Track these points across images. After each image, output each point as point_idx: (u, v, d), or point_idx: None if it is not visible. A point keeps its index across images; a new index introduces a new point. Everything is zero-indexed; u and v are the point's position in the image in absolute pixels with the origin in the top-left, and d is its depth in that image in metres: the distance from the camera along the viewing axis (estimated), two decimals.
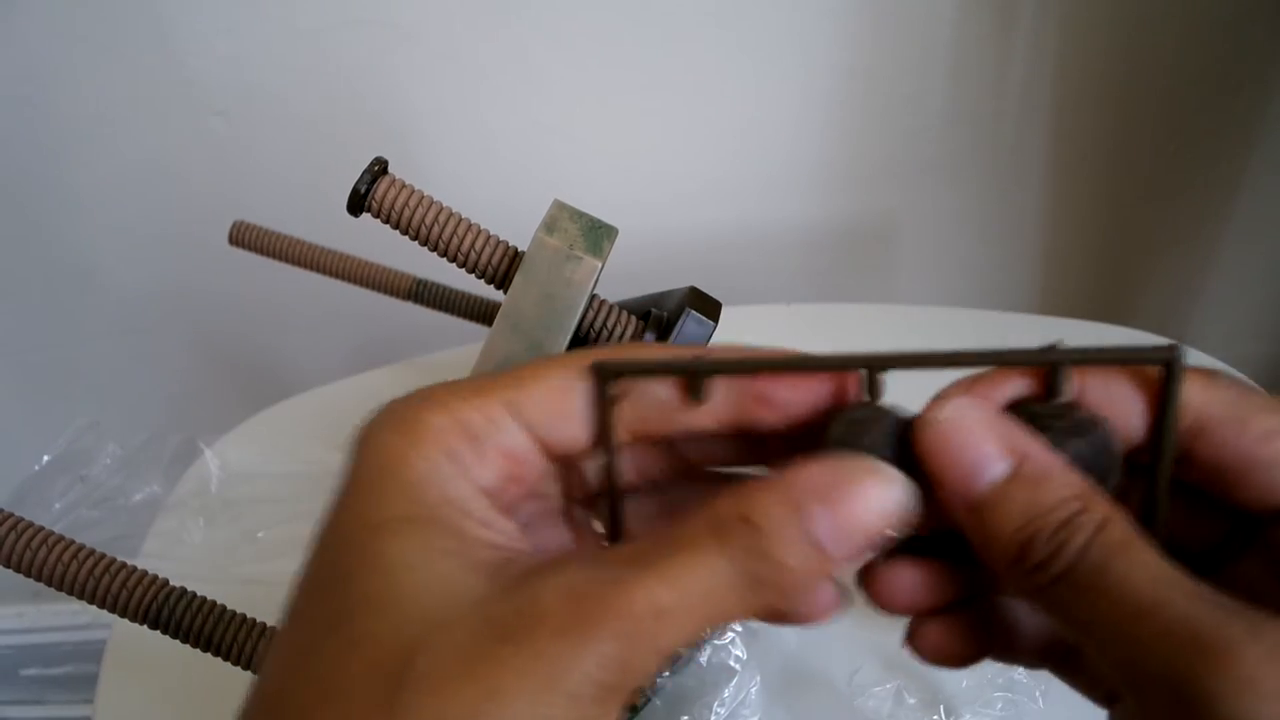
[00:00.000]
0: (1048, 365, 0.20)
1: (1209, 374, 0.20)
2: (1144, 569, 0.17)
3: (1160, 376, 0.19)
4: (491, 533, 0.19)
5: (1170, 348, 0.19)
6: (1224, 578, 0.19)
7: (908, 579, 0.21)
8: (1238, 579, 0.20)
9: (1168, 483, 0.19)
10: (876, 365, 0.20)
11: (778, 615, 0.19)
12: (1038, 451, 0.19)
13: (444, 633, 0.17)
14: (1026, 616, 0.23)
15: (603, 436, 0.20)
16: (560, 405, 0.20)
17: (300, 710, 0.17)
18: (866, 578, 0.22)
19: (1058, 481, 0.19)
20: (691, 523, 0.18)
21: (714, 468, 0.24)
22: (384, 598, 0.17)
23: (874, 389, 0.20)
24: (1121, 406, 0.20)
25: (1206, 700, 0.15)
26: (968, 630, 0.22)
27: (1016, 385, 0.20)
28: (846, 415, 0.20)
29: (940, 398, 0.20)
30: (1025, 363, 0.20)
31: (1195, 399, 0.19)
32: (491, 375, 0.21)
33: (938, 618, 0.22)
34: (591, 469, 0.22)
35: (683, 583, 0.17)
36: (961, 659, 0.22)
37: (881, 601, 0.21)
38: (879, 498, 0.18)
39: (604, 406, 0.20)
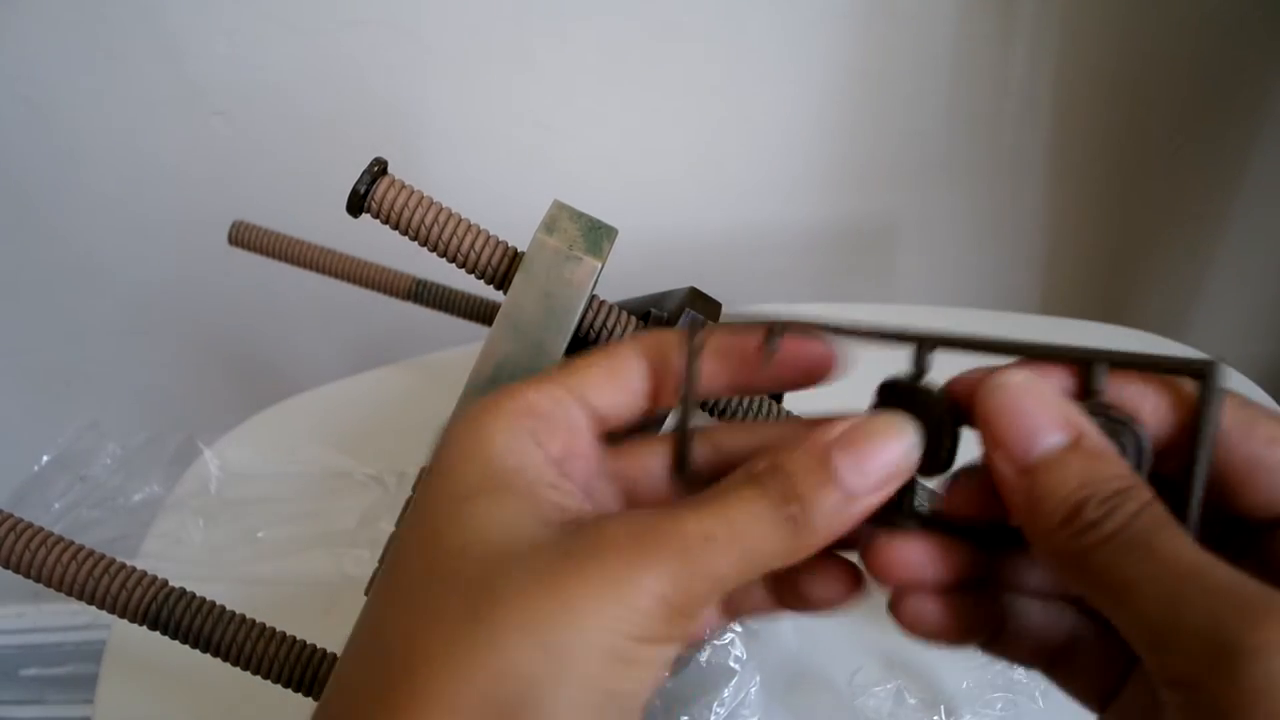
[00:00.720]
0: (1085, 363, 0.21)
1: None
2: (1190, 542, 0.18)
3: (1197, 388, 0.20)
4: (560, 494, 0.22)
5: (1209, 361, 0.19)
6: None
7: (910, 553, 0.22)
8: None
9: (1203, 489, 0.20)
10: (927, 343, 0.22)
11: (807, 552, 0.21)
12: (1094, 433, 0.20)
13: (519, 561, 0.19)
14: (1028, 612, 0.23)
15: (687, 376, 0.24)
16: (609, 384, 0.24)
17: (401, 637, 0.20)
18: (868, 550, 0.23)
19: (1112, 461, 0.20)
20: (732, 476, 0.21)
21: None
22: (468, 545, 0.20)
23: (920, 364, 0.22)
24: (1148, 412, 0.21)
25: (1246, 654, 0.16)
26: (954, 609, 0.23)
27: (1058, 379, 0.21)
28: (889, 384, 0.23)
29: (1001, 369, 0.21)
30: (1066, 358, 0.21)
31: None
32: (552, 367, 0.24)
33: (927, 592, 0.23)
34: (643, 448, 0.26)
35: (727, 516, 0.20)
36: (941, 635, 0.23)
37: (878, 571, 0.23)
38: (895, 441, 0.21)
39: (691, 351, 0.24)
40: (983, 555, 0.23)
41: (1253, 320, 0.98)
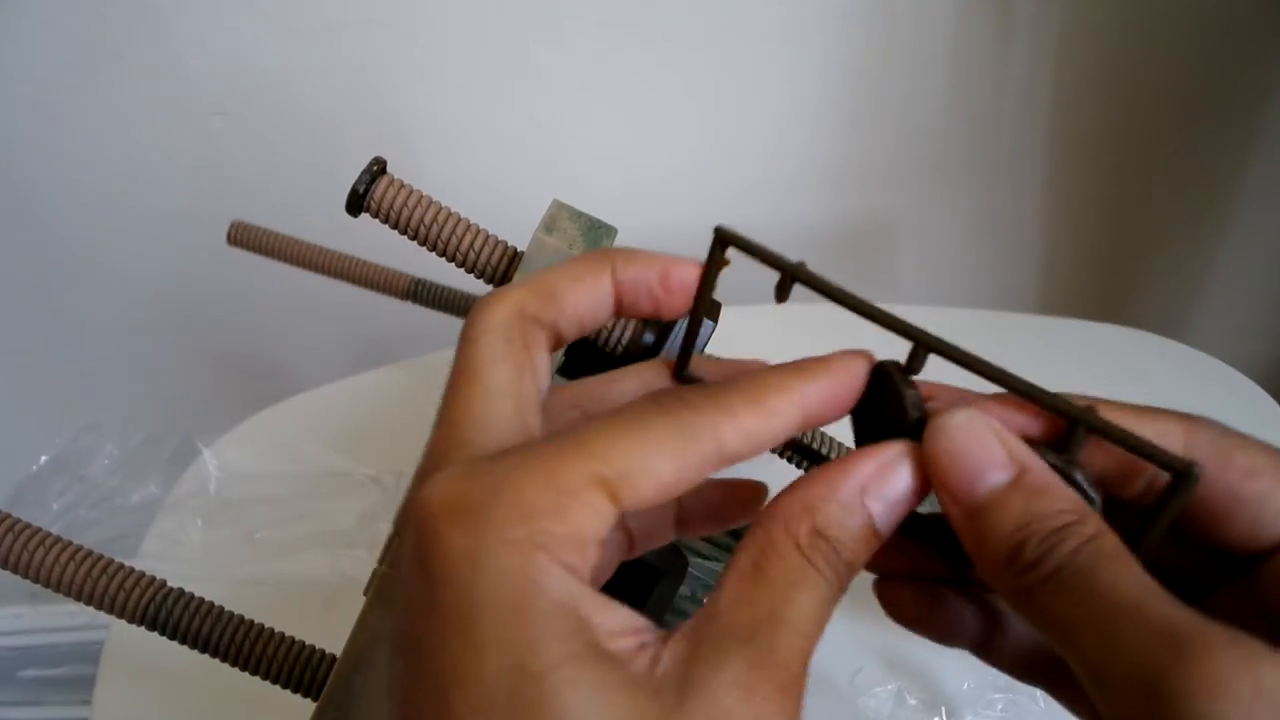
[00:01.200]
0: (1069, 420, 0.20)
1: (1192, 417, 0.20)
2: (1130, 577, 0.18)
3: (1168, 482, 0.19)
4: (616, 628, 0.18)
5: (1189, 463, 0.19)
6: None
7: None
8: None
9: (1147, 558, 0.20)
10: (925, 345, 0.22)
11: None
12: (1038, 466, 0.20)
13: None
14: (1012, 626, 0.23)
15: (703, 287, 0.23)
16: (669, 487, 0.19)
17: None
18: None
19: (1055, 495, 0.19)
20: (775, 550, 0.19)
21: None
22: None
23: (913, 363, 0.22)
24: (1124, 458, 0.20)
25: (1175, 698, 0.16)
26: (933, 601, 0.23)
27: (1028, 422, 0.21)
28: (882, 369, 0.22)
29: (951, 408, 0.21)
30: (1052, 408, 0.20)
31: (1180, 438, 0.20)
32: (574, 441, 0.19)
33: (906, 580, 0.23)
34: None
35: (807, 618, 0.19)
36: (920, 625, 0.23)
37: None
38: (908, 475, 0.21)
39: (713, 264, 0.23)
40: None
41: (1252, 318, 0.98)
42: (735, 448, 0.20)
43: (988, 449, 0.20)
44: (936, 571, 0.23)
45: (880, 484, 0.20)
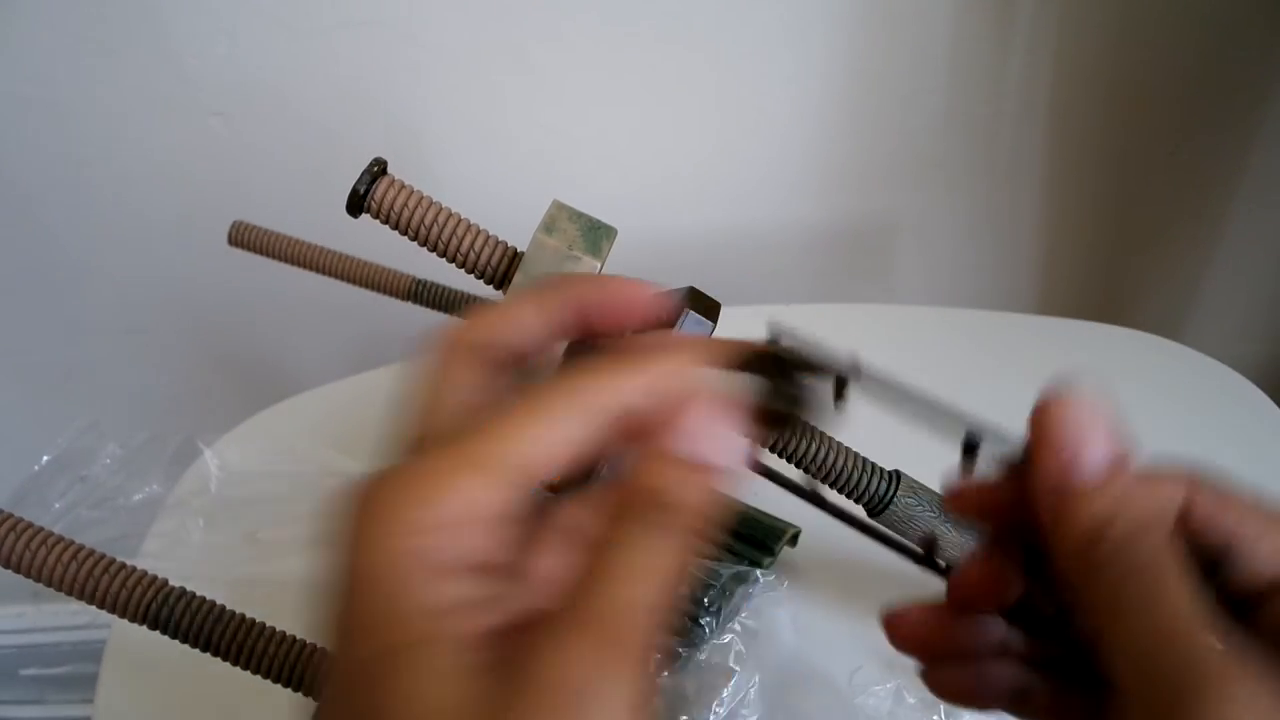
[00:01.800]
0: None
1: (1197, 474, 0.22)
2: (1183, 592, 0.19)
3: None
4: (480, 610, 0.19)
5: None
6: None
7: (917, 618, 0.24)
8: None
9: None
10: (977, 436, 0.23)
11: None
12: (1129, 462, 0.21)
13: None
14: (996, 669, 0.24)
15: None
16: (565, 454, 0.20)
17: None
18: (888, 620, 0.24)
19: (1145, 494, 0.21)
20: (615, 526, 0.20)
21: None
22: None
23: (969, 450, 0.23)
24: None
25: (1198, 705, 0.17)
26: (978, 676, 0.24)
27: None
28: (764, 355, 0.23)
29: (1069, 387, 0.22)
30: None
31: (1183, 490, 0.21)
32: (471, 429, 0.20)
33: (952, 661, 0.24)
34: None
35: (643, 580, 0.19)
36: (971, 699, 0.24)
37: (895, 640, 0.24)
38: (711, 402, 0.21)
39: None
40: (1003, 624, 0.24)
41: (1250, 319, 0.98)
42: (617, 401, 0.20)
43: (1104, 431, 0.21)
44: (969, 642, 0.24)
45: (690, 432, 0.21)
